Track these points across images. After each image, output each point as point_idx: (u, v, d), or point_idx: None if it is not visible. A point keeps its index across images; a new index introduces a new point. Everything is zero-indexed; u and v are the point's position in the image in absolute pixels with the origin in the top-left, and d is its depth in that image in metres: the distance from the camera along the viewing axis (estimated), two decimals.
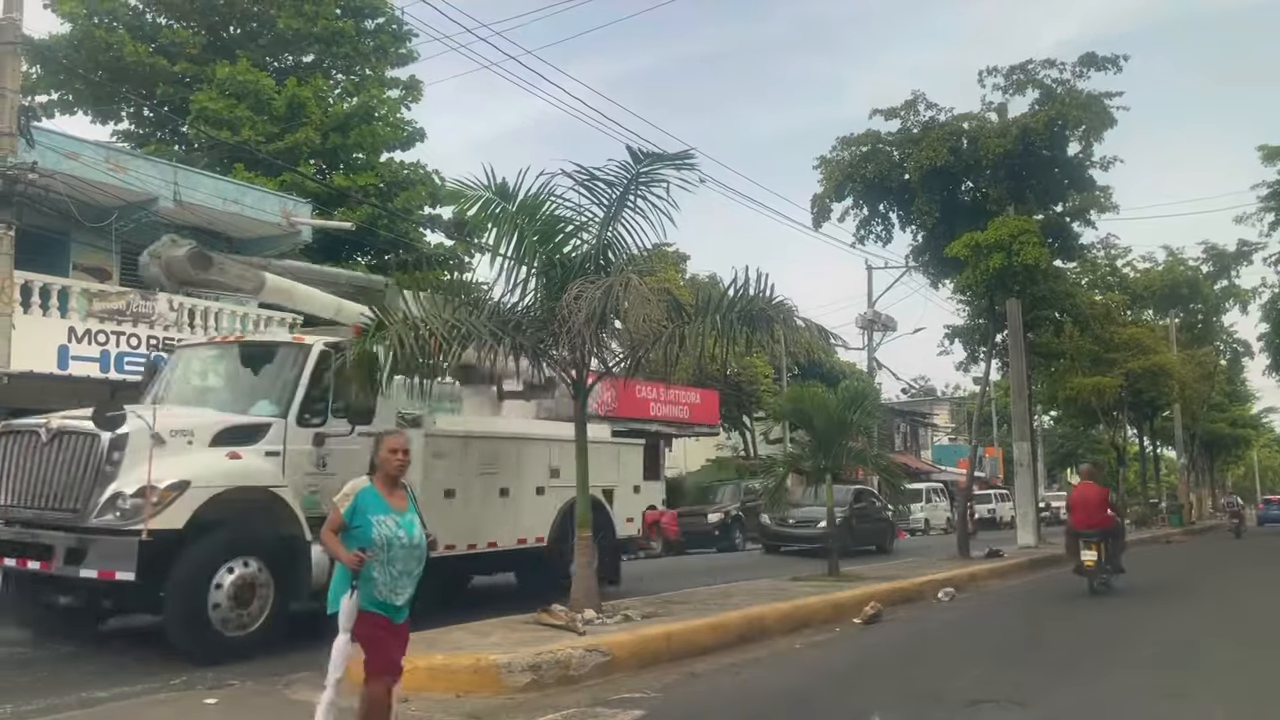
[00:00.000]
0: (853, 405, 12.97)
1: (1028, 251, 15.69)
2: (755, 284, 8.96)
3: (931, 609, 11.74)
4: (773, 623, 9.42)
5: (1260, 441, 63.07)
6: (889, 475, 13.28)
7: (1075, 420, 37.67)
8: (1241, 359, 44.62)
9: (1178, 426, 43.20)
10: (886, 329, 41.35)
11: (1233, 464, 65.95)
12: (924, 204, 17.46)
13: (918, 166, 17.14)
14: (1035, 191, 17.74)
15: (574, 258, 8.96)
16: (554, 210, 9.00)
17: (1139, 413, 36.48)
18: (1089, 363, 29.43)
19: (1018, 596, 13.45)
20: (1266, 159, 25.73)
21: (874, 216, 18.64)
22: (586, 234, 9.04)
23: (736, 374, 33.05)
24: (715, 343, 8.96)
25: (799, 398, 13.70)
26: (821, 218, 18.40)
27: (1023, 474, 21.37)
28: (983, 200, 17.74)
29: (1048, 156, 17.33)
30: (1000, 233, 15.94)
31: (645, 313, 7.48)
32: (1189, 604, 12.41)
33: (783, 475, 13.47)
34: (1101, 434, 53.08)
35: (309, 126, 22.34)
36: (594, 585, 8.85)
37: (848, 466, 14.25)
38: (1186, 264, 36.82)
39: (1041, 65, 16.93)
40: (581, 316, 7.81)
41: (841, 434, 12.96)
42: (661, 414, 27.09)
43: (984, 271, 16.13)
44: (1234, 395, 50.98)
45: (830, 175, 18.18)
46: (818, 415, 13.08)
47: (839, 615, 10.35)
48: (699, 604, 10.02)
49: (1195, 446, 48.14)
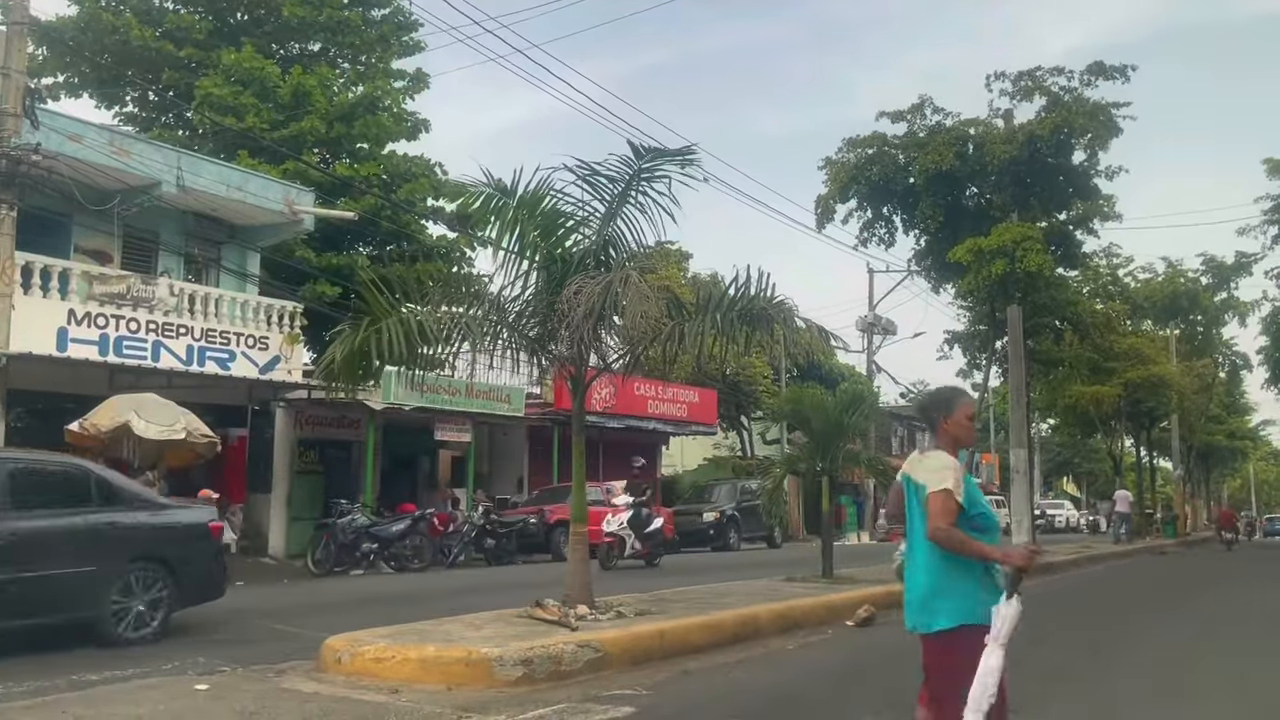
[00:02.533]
0: (851, 408, 12.95)
1: (1030, 258, 15.69)
2: (756, 283, 8.93)
3: None
4: (766, 623, 9.40)
5: (1257, 455, 63.04)
6: (885, 479, 13.22)
7: (1072, 429, 37.66)
8: (1240, 371, 44.58)
9: (1174, 437, 43.23)
10: (886, 333, 41.38)
11: (1230, 476, 65.92)
12: (928, 208, 17.46)
13: (923, 170, 17.13)
14: (1039, 199, 17.74)
15: (575, 253, 8.94)
16: (555, 205, 8.97)
17: (1136, 423, 36.50)
18: (1088, 371, 29.48)
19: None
20: (1272, 172, 25.69)
21: (877, 219, 18.64)
22: (588, 229, 9.01)
23: (735, 374, 33.08)
24: (715, 341, 8.93)
25: (798, 399, 13.68)
26: (825, 219, 18.40)
27: (1019, 481, 21.37)
28: (987, 206, 17.75)
29: (1053, 164, 17.34)
30: (1003, 239, 15.94)
31: (643, 309, 7.46)
32: (1178, 614, 12.41)
33: (780, 476, 13.46)
34: (1098, 443, 53.22)
35: (313, 115, 22.30)
36: (587, 580, 8.84)
37: (845, 469, 14.23)
38: (1186, 275, 36.88)
39: (1050, 72, 16.95)
40: (580, 312, 7.79)
41: (839, 436, 12.95)
42: (659, 412, 27.14)
43: (986, 277, 16.13)
44: (1232, 407, 51.06)
45: (835, 176, 18.18)
46: (816, 417, 13.06)
47: (832, 617, 10.34)
48: (693, 602, 10.01)
49: (1191, 458, 48.19)
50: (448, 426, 20.46)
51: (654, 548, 17.08)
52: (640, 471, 25.31)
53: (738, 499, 25.16)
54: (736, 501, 25.09)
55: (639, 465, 26.02)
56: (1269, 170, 25.81)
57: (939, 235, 17.83)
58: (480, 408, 21.16)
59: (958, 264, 17.28)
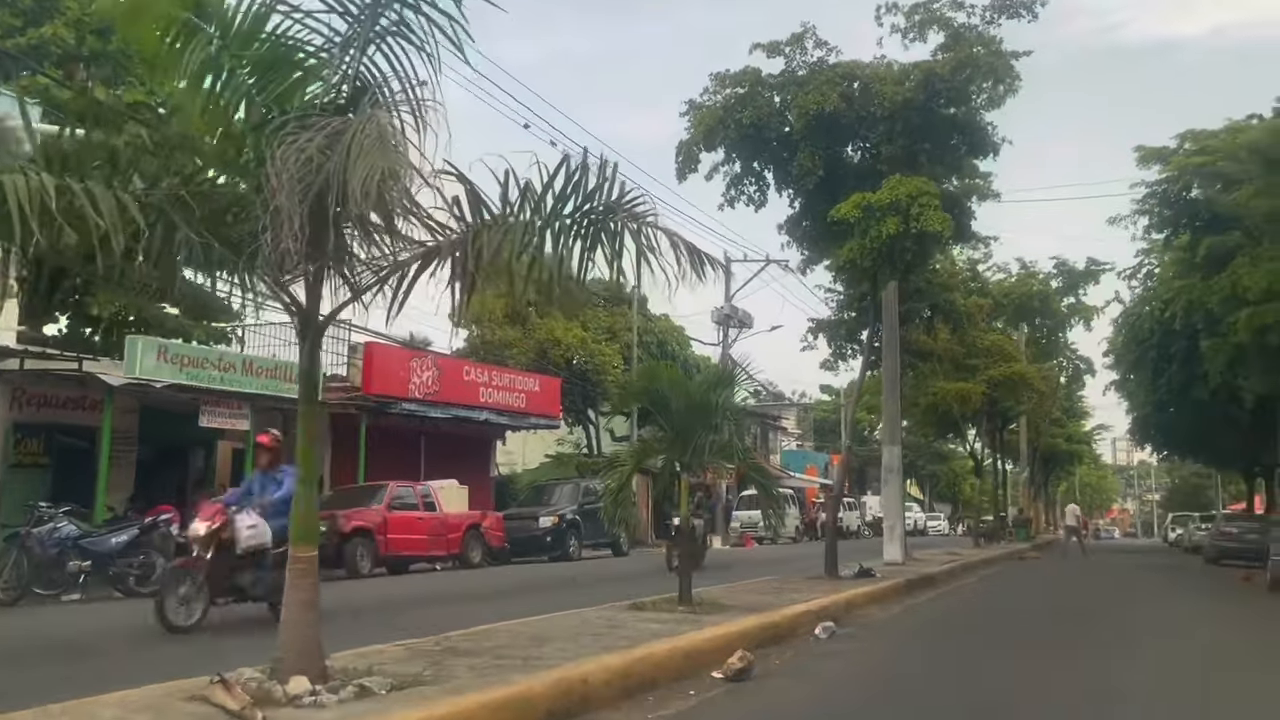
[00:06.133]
0: (720, 386, 10.03)
1: (929, 217, 13.23)
2: (598, 174, 5.83)
3: (811, 652, 8.89)
4: (600, 687, 6.28)
5: (1085, 459, 64.87)
6: (762, 475, 10.26)
7: (929, 429, 36.41)
8: (1083, 375, 44.98)
9: (1023, 440, 43.00)
10: (743, 325, 39.29)
11: (1062, 480, 67.67)
12: (806, 159, 14.85)
13: (802, 113, 14.50)
14: (930, 157, 15.37)
15: (314, 106, 5.55)
16: (283, 30, 5.56)
17: (993, 423, 35.65)
18: (952, 367, 27.95)
19: (910, 632, 10.84)
20: (1142, 161, 24.64)
21: (747, 174, 15.93)
22: (331, 71, 5.64)
23: (583, 362, 29.93)
24: (533, 262, 5.78)
25: (652, 375, 10.60)
26: (687, 168, 15.53)
27: (892, 481, 19.13)
28: (873, 161, 15.30)
29: (948, 116, 15.04)
30: (897, 192, 13.44)
31: (377, 163, 4.24)
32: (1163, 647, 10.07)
33: (627, 473, 10.37)
34: (942, 446, 53.15)
35: (59, 23, 17.82)
36: (315, 636, 5.47)
37: (711, 467, 11.31)
38: (1038, 278, 37.19)
39: (949, 5, 14.56)
40: (287, 185, 4.47)
41: (704, 422, 9.98)
42: (493, 401, 23.70)
43: (875, 238, 13.59)
44: (1071, 411, 51.79)
45: (700, 120, 15.33)
46: (675, 397, 10.08)
47: (694, 668, 7.32)
48: (492, 656, 6.78)
49: (1036, 461, 48.40)
50: (218, 411, 16.32)
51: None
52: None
53: (580, 501, 21.93)
54: (579, 504, 21.86)
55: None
56: (1140, 159, 24.76)
57: (817, 194, 15.24)
58: (261, 388, 17.18)
59: (837, 228, 14.77)
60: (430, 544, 18.04)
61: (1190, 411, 32.93)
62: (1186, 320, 28.37)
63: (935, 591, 15.54)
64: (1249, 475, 41.44)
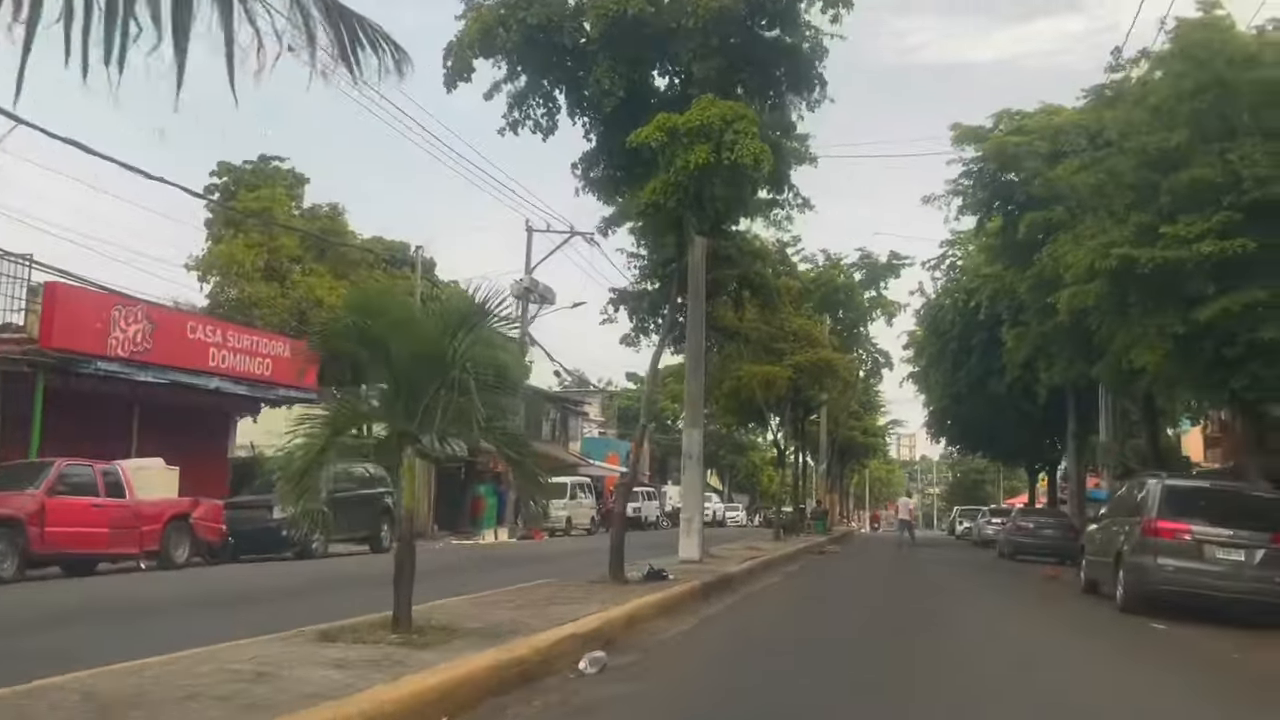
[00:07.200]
0: (463, 326, 7.18)
1: (744, 145, 10.86)
2: None
3: (569, 702, 6.18)
4: None
5: (882, 453, 66.45)
6: (512, 450, 7.35)
7: (732, 417, 34.92)
8: (881, 369, 45.20)
9: (823, 430, 42.53)
10: (544, 300, 36.51)
11: (854, 473, 69.01)
12: (604, 75, 12.22)
13: (601, 14, 11.86)
14: (748, 87, 13.09)
15: None
16: None
17: (796, 412, 34.63)
18: (760, 349, 26.32)
19: (704, 659, 8.33)
20: (958, 141, 23.62)
21: (534, 91, 13.11)
22: None
23: None
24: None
25: (366, 307, 7.39)
26: (457, 75, 12.52)
27: (692, 468, 16.84)
28: (683, 87, 12.88)
29: (771, 39, 12.80)
30: (708, 113, 11.02)
31: None
32: None
33: (317, 446, 7.34)
34: (753, 435, 52.45)
35: None
36: None
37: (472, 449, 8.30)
38: (843, 269, 37.19)
39: None
40: None
41: (439, 376, 7.09)
42: (228, 366, 19.72)
43: (681, 170, 11.12)
44: (868, 404, 52.33)
45: (478, 18, 12.40)
46: (398, 338, 7.14)
47: None
48: None
49: (834, 453, 48.35)
50: None
51: None
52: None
53: (330, 487, 18.39)
54: (328, 490, 18.32)
55: None
56: (956, 138, 23.75)
57: (616, 121, 12.64)
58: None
59: (640, 171, 12.31)
60: (112, 538, 14.19)
61: (985, 405, 33.09)
62: (991, 309, 28.08)
63: (735, 596, 13.31)
64: (1031, 469, 42.65)
